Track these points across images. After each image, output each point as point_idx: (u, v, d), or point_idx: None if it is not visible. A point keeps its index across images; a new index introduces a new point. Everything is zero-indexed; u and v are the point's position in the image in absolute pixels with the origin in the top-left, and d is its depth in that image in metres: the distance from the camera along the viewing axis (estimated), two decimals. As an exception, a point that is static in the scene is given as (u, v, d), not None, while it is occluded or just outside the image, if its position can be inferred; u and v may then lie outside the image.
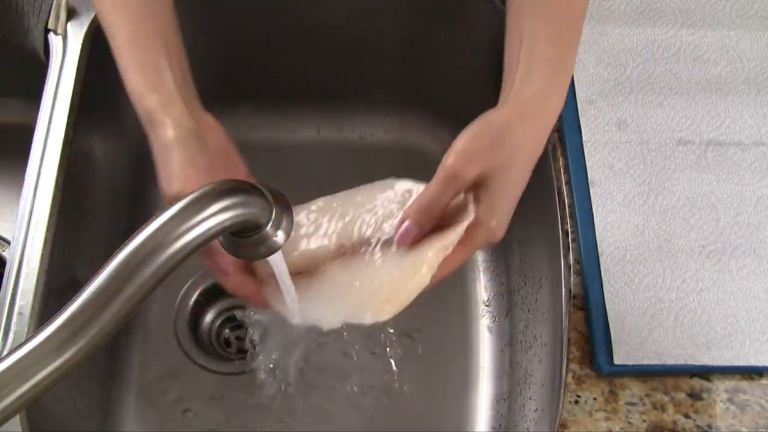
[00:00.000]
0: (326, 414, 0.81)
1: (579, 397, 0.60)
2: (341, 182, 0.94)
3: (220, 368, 0.83)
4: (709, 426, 0.59)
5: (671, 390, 0.61)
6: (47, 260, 0.66)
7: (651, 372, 0.61)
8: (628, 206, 0.67)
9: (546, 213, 0.72)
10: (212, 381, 0.83)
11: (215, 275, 0.57)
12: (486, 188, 0.52)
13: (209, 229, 0.44)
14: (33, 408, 0.63)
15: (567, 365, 0.61)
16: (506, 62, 0.58)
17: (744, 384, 0.61)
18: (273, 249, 0.51)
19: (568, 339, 0.62)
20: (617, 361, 0.60)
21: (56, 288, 0.67)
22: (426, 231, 0.53)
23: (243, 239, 0.50)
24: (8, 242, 0.85)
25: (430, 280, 0.53)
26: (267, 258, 0.51)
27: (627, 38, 0.76)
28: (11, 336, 0.63)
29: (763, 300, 0.64)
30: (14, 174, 0.77)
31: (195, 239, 0.43)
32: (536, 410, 0.70)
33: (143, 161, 0.92)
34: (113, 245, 0.42)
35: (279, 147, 0.95)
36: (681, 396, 0.60)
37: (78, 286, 0.40)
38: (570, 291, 0.64)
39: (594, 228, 0.66)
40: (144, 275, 0.41)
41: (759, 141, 0.71)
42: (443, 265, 0.53)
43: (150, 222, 0.42)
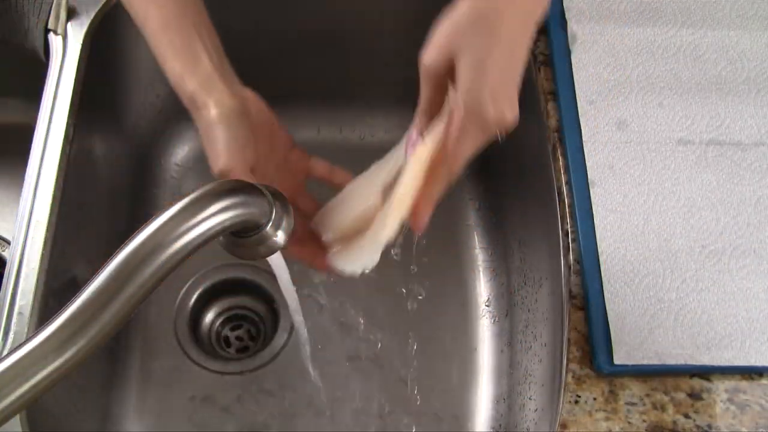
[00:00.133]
0: (326, 415, 0.81)
1: (579, 397, 0.60)
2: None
3: (220, 368, 0.83)
4: (709, 426, 0.59)
5: (671, 390, 0.61)
6: (47, 260, 0.66)
7: (651, 372, 0.61)
8: (628, 206, 0.67)
9: (546, 213, 0.72)
10: (212, 381, 0.83)
11: None
12: (459, 69, 0.48)
13: (209, 229, 0.44)
14: (33, 408, 0.63)
15: (567, 365, 0.61)
16: None
17: (744, 384, 0.61)
18: (273, 249, 0.51)
19: (568, 339, 0.62)
20: (617, 361, 0.60)
21: (56, 288, 0.67)
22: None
23: (243, 239, 0.50)
24: (8, 242, 0.85)
25: (416, 183, 0.52)
26: (267, 258, 0.51)
27: (627, 38, 0.76)
28: (11, 336, 0.63)
29: (763, 300, 0.64)
30: (14, 174, 0.77)
31: (195, 239, 0.43)
32: (536, 410, 0.70)
33: (143, 161, 0.92)
34: (113, 245, 0.42)
35: (279, 147, 0.95)
36: (681, 396, 0.60)
37: (78, 286, 0.41)
38: (570, 291, 0.64)
39: (594, 228, 0.66)
40: (144, 275, 0.41)
41: (759, 141, 0.71)
42: (448, 159, 0.51)
43: (150, 222, 0.42)
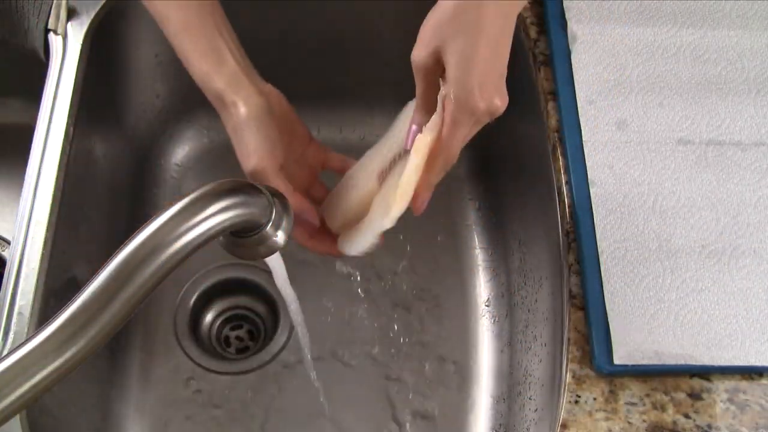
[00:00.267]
0: (326, 415, 0.81)
1: (579, 397, 0.60)
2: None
3: (220, 368, 0.83)
4: (709, 426, 0.59)
5: (671, 390, 0.61)
6: (47, 260, 0.66)
7: (651, 372, 0.61)
8: (628, 206, 0.67)
9: (546, 213, 0.72)
10: (212, 381, 0.83)
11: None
12: (447, 63, 0.50)
13: (209, 229, 0.44)
14: (33, 408, 0.63)
15: (567, 365, 0.61)
16: None
17: (744, 384, 0.61)
18: (273, 249, 0.51)
19: (568, 339, 0.62)
20: (617, 361, 0.60)
21: (56, 288, 0.67)
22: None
23: (243, 239, 0.50)
24: (8, 242, 0.85)
25: (418, 166, 0.54)
26: (265, 258, 0.51)
27: (627, 38, 0.76)
28: (11, 336, 0.63)
29: (763, 300, 0.64)
30: (14, 174, 0.77)
31: (195, 239, 0.43)
32: (536, 410, 0.70)
33: (143, 161, 0.92)
34: (113, 245, 0.42)
35: (279, 147, 0.95)
36: (681, 396, 0.60)
37: (78, 286, 0.41)
38: (570, 291, 0.64)
39: (594, 228, 0.66)
40: (144, 275, 0.41)
41: (759, 141, 0.71)
42: (444, 149, 0.53)
43: (150, 222, 0.42)
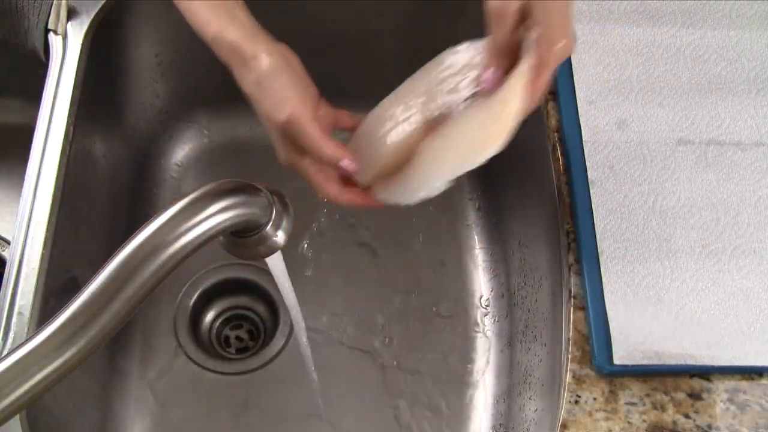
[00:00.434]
0: (326, 416, 0.81)
1: (579, 397, 0.60)
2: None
3: (220, 368, 0.83)
4: (709, 426, 0.59)
5: (671, 390, 0.61)
6: (47, 260, 0.66)
7: (651, 372, 0.61)
8: (628, 206, 0.67)
9: (546, 213, 0.72)
10: (212, 381, 0.83)
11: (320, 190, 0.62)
12: (534, 9, 0.52)
13: (209, 229, 0.44)
14: (33, 408, 0.63)
15: (567, 365, 0.61)
16: None
17: (744, 384, 0.61)
18: (273, 249, 0.51)
19: (568, 339, 0.62)
20: (617, 361, 0.60)
21: (56, 288, 0.67)
22: (505, 70, 0.55)
23: (243, 239, 0.50)
24: (8, 242, 0.85)
25: (522, 105, 0.54)
26: (265, 258, 0.51)
27: (627, 38, 0.76)
28: (11, 336, 0.63)
29: (763, 300, 0.64)
30: (14, 174, 0.77)
31: (195, 239, 0.43)
32: (536, 410, 0.70)
33: (143, 161, 0.92)
34: (113, 245, 0.42)
35: (279, 147, 0.95)
36: (681, 396, 0.60)
37: (78, 286, 0.41)
38: (570, 291, 0.64)
39: (594, 228, 0.66)
40: (144, 275, 0.41)
41: (759, 141, 0.71)
42: (533, 91, 0.54)
43: (150, 222, 0.42)
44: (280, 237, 0.51)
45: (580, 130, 0.71)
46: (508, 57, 0.55)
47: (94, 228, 0.80)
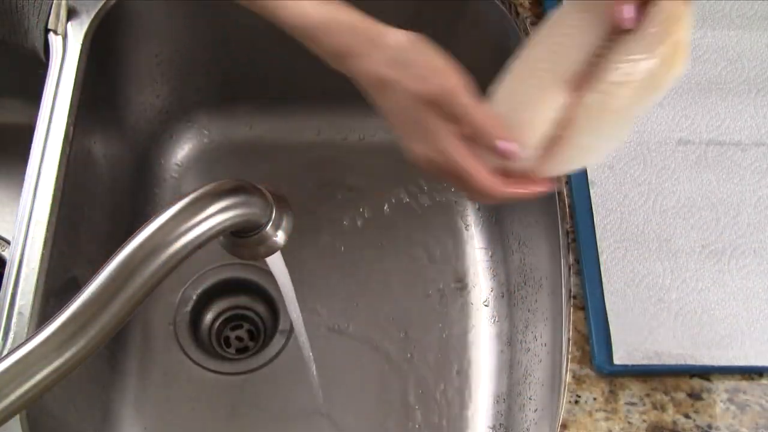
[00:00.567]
0: (326, 416, 0.81)
1: (579, 397, 0.60)
2: (342, 183, 0.94)
3: (220, 368, 0.83)
4: (709, 426, 0.59)
5: (671, 390, 0.61)
6: (47, 260, 0.66)
7: (651, 372, 0.61)
8: (628, 206, 0.67)
9: (546, 213, 0.72)
10: (212, 381, 0.83)
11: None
12: None
13: (209, 229, 0.44)
14: (33, 408, 0.63)
15: (567, 365, 0.61)
16: None
17: (744, 384, 0.61)
18: (273, 249, 0.51)
19: (568, 339, 0.62)
20: (617, 361, 0.60)
21: (56, 288, 0.67)
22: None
23: (243, 239, 0.50)
24: (8, 242, 0.85)
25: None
26: (266, 258, 0.51)
27: (627, 38, 0.76)
28: (11, 336, 0.63)
29: (763, 300, 0.64)
30: (14, 174, 0.77)
31: (195, 239, 0.43)
32: (536, 410, 0.70)
33: (143, 161, 0.92)
34: (113, 245, 0.42)
35: (279, 148, 0.95)
36: (681, 396, 0.60)
37: (78, 286, 0.41)
38: (570, 291, 0.64)
39: (594, 228, 0.66)
40: (144, 275, 0.41)
41: (759, 141, 0.71)
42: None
43: (150, 222, 0.42)
44: (280, 237, 0.51)
45: (580, 130, 0.71)
46: None
47: (94, 228, 0.80)
